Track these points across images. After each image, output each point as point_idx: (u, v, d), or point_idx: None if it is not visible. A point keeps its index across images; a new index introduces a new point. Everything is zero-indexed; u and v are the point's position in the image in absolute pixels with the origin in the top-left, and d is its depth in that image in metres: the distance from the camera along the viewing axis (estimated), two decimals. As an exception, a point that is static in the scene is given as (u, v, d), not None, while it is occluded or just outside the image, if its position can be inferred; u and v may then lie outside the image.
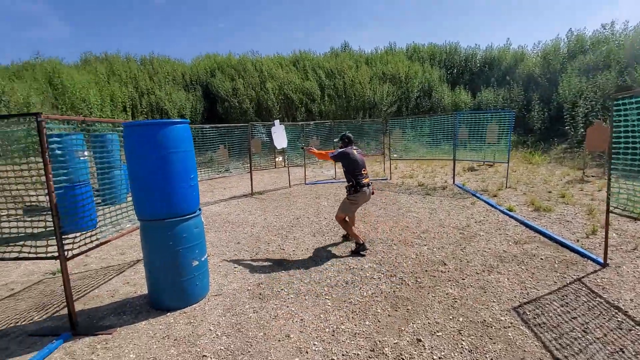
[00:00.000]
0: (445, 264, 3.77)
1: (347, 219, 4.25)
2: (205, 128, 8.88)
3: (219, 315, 2.93)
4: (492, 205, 6.11)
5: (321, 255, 4.20)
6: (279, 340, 2.55)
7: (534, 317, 2.70)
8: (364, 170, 4.05)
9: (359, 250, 4.12)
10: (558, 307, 2.83)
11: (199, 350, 2.48)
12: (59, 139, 4.19)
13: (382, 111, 16.88)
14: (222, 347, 2.50)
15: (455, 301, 2.99)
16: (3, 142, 3.45)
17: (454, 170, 8.47)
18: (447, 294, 3.13)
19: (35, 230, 3.52)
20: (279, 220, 5.94)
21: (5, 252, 2.81)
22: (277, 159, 12.26)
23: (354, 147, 4.24)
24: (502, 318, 2.72)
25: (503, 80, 19.21)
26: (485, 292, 3.13)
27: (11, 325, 2.96)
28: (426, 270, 3.61)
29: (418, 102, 17.96)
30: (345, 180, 4.27)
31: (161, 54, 19.62)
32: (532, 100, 14.65)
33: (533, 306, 2.86)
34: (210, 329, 2.73)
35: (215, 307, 3.07)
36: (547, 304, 2.89)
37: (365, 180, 4.03)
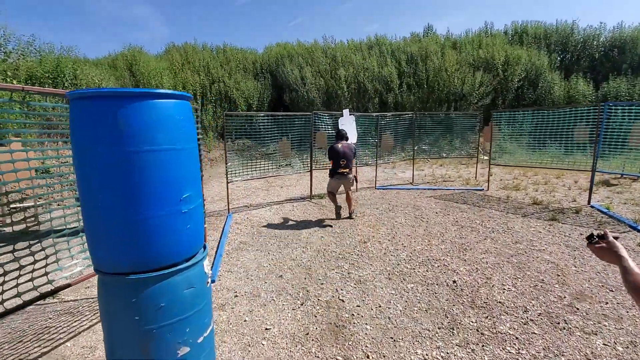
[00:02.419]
0: (667, 400, 1.86)
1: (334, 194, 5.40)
2: (260, 116, 7.62)
3: None
4: (682, 253, 3.78)
5: (402, 327, 2.57)
6: None
7: None
8: (342, 162, 5.06)
9: (337, 212, 5.35)
10: None
11: None
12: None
13: (472, 104, 14.21)
14: None
15: None
16: None
17: (591, 185, 5.96)
18: None
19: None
20: (340, 242, 4.42)
21: None
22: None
23: (342, 142, 5.18)
24: None
25: (640, 67, 14.97)
26: None
27: None
28: (634, 418, 1.76)
29: (519, 94, 14.81)
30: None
31: (235, 45, 19.42)
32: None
33: None
34: None
35: None
36: None
37: (341, 170, 5.09)
